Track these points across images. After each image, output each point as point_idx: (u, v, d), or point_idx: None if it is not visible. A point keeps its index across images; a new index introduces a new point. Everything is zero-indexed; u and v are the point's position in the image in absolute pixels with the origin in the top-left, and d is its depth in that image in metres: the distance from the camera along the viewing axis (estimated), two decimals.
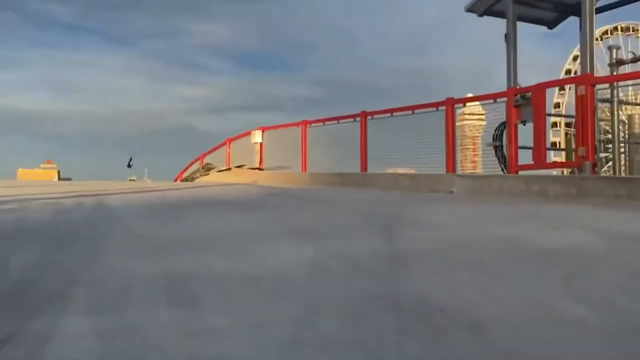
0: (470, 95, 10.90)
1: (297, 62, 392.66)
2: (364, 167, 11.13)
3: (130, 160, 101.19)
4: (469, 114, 13.25)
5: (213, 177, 17.15)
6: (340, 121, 12.37)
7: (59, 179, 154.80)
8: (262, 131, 15.49)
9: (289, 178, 12.80)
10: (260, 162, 15.34)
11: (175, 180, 22.52)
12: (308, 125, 13.45)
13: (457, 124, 9.93)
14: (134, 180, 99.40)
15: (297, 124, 13.92)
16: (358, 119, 11.54)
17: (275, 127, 15.42)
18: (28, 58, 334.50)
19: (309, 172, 12.76)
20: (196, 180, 17.91)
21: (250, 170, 15.47)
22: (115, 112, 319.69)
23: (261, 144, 15.47)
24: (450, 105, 9.55)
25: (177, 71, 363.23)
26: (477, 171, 10.41)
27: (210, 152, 19.78)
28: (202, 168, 18.99)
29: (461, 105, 10.25)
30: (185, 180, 19.95)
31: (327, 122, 13.01)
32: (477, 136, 11.40)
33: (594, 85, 7.95)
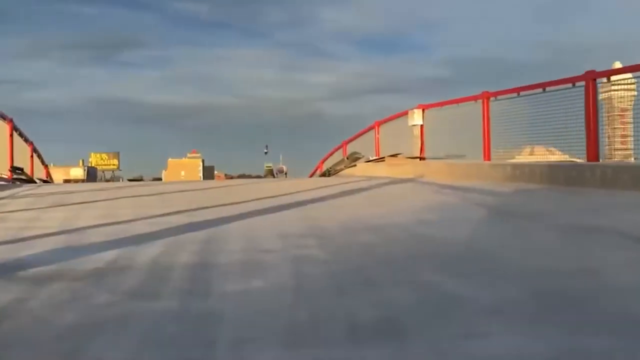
0: (618, 65, 9.05)
1: (422, 43, 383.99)
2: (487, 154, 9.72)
3: (267, 147, 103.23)
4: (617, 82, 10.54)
5: (361, 169, 14.33)
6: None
7: (203, 167, 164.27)
8: (423, 110, 12.39)
9: (468, 171, 9.45)
10: (422, 150, 12.30)
11: (313, 173, 19.83)
12: (492, 99, 10.07)
13: (602, 96, 8.17)
14: (270, 167, 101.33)
15: (473, 98, 10.60)
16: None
17: (441, 104, 12.23)
18: (171, 56, 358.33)
19: (495, 162, 9.45)
20: (341, 174, 15.11)
21: (408, 159, 12.42)
22: (250, 102, 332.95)
23: (421, 126, 12.42)
24: (591, 80, 7.61)
25: (306, 59, 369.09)
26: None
27: (354, 138, 17.23)
28: (347, 158, 16.27)
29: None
30: (327, 174, 17.09)
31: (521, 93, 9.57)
32: (628, 108, 9.37)
33: None
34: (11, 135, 13.06)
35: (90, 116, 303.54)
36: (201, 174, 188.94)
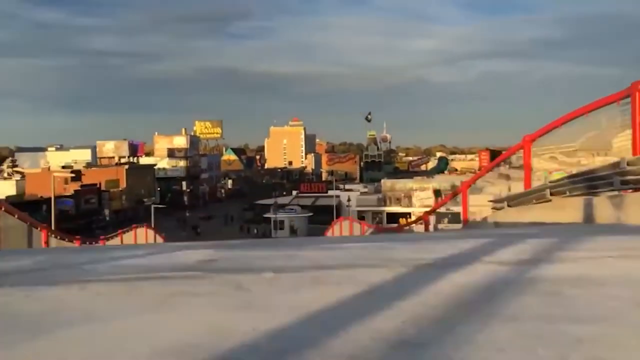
0: None
1: (533, 0, 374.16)
2: None
3: (369, 115, 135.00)
4: None
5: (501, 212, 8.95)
6: None
7: (305, 135, 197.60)
8: None
9: None
10: None
11: (435, 209, 16.52)
12: None
13: None
14: (373, 136, 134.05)
15: None
16: None
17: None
18: (274, 26, 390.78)
19: None
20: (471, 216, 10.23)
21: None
22: (352, 69, 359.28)
23: None
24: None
25: (409, 24, 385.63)
26: None
27: (539, 134, 11.15)
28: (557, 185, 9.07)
29: None
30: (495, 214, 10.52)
31: None
32: None
33: None
34: None
35: (198, 86, 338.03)
36: (303, 142, 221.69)
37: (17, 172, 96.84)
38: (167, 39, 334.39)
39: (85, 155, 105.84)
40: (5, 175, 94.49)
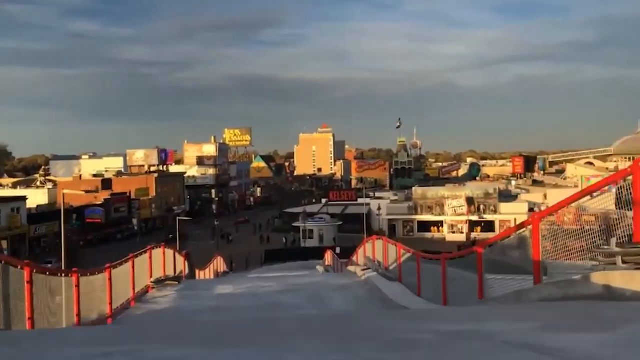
0: None
1: (564, 2, 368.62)
2: None
3: (399, 121, 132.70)
4: None
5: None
6: None
7: (334, 142, 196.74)
8: None
9: None
10: None
11: (502, 237, 17.64)
12: None
13: None
14: (403, 142, 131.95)
15: None
16: None
17: None
18: (304, 33, 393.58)
19: None
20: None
21: None
22: (381, 75, 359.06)
23: None
24: None
25: (437, 29, 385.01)
26: None
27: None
28: None
29: None
30: None
31: None
32: None
33: None
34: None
35: (228, 94, 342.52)
36: (332, 149, 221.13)
37: (50, 180, 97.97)
38: (197, 47, 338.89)
39: (117, 162, 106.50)
40: (38, 184, 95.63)
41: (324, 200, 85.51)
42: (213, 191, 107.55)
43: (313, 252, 51.52)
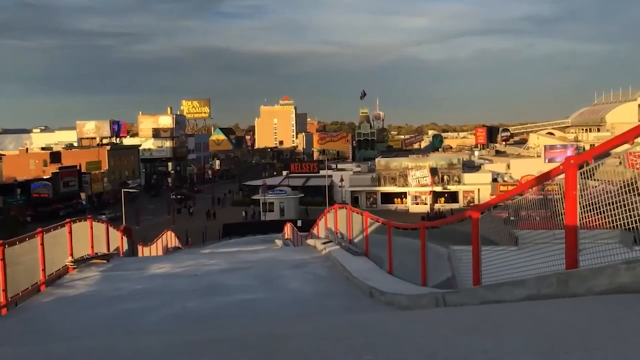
0: None
1: None
2: None
3: (363, 92, 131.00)
4: None
5: None
6: None
7: (296, 114, 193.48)
8: None
9: None
10: None
11: (495, 202, 16.52)
12: None
13: None
14: (365, 113, 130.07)
15: None
16: None
17: None
18: (266, 5, 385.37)
19: None
20: None
21: None
22: (343, 48, 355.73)
23: None
24: None
25: (400, 2, 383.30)
26: None
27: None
28: None
29: None
30: None
31: None
32: None
33: None
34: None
35: (188, 67, 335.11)
36: (293, 122, 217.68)
37: None
38: (155, 18, 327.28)
39: (70, 136, 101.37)
40: None
41: (284, 173, 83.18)
42: (170, 164, 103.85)
43: (273, 225, 49.55)
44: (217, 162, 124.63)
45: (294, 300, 8.58)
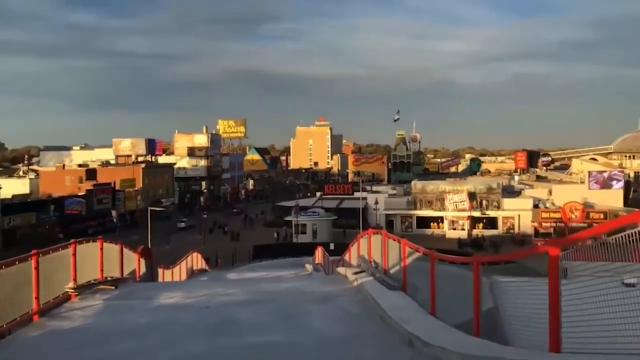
0: None
1: (562, 2, 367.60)
2: None
3: (398, 113, 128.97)
4: None
5: None
6: None
7: (331, 135, 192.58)
8: None
9: None
10: None
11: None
12: None
13: None
14: (402, 135, 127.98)
15: None
16: None
17: None
18: (303, 29, 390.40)
19: None
20: None
21: None
22: (380, 72, 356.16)
23: None
24: None
25: (437, 26, 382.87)
26: None
27: None
28: None
29: None
30: None
31: None
32: None
33: None
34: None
35: (226, 88, 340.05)
36: (329, 143, 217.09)
37: (33, 170, 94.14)
38: (195, 40, 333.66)
39: (107, 154, 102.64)
40: (21, 173, 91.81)
41: (318, 194, 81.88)
42: (204, 183, 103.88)
43: (305, 248, 48.08)
44: (251, 182, 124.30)
45: (317, 346, 7.11)
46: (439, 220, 69.24)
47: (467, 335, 5.96)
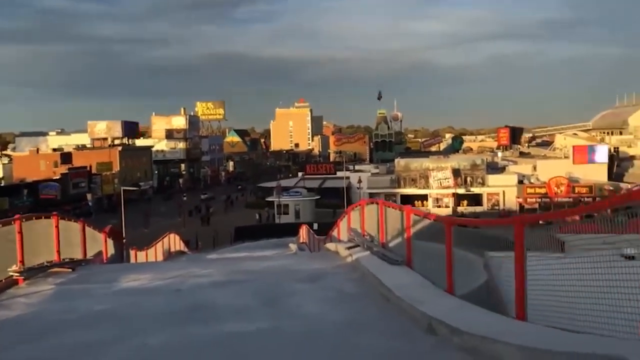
0: None
1: None
2: None
3: (380, 93, 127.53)
4: None
5: None
6: None
7: (312, 117, 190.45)
8: None
9: None
10: None
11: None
12: None
13: None
14: (383, 114, 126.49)
15: None
16: None
17: None
18: (279, 11, 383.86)
19: None
20: None
21: None
22: (359, 53, 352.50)
23: None
24: None
25: (415, 6, 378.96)
26: None
27: None
28: None
29: None
30: None
31: None
32: None
33: None
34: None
35: (204, 72, 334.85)
36: (309, 124, 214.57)
37: (6, 155, 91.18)
38: (172, 25, 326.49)
39: (84, 139, 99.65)
40: None
41: (300, 174, 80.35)
42: (183, 166, 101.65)
43: (288, 228, 46.72)
44: (231, 164, 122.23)
45: (306, 336, 5.70)
46: (424, 198, 68.19)
47: (511, 319, 4.56)
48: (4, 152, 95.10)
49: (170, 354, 5.39)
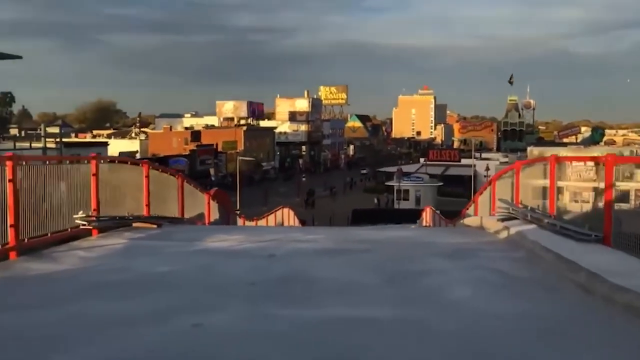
0: None
1: None
2: None
3: (512, 77, 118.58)
4: None
5: None
6: None
7: (435, 105, 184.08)
8: None
9: None
10: None
11: None
12: None
13: None
14: (514, 101, 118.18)
15: None
16: None
17: None
18: (412, 0, 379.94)
19: None
20: None
21: None
22: (488, 42, 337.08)
23: None
24: None
25: None
26: None
27: None
28: None
29: None
30: None
31: None
32: None
33: None
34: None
35: (330, 61, 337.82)
36: (432, 112, 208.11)
37: (143, 132, 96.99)
38: (303, 14, 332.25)
39: (214, 120, 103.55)
40: (133, 135, 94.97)
41: (422, 160, 76.81)
42: (304, 148, 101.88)
43: (408, 214, 43.95)
44: (352, 148, 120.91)
45: (460, 337, 3.24)
46: (558, 192, 61.97)
47: None
48: (143, 130, 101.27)
49: (230, 344, 3.21)
